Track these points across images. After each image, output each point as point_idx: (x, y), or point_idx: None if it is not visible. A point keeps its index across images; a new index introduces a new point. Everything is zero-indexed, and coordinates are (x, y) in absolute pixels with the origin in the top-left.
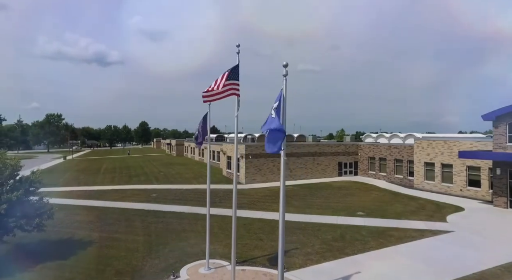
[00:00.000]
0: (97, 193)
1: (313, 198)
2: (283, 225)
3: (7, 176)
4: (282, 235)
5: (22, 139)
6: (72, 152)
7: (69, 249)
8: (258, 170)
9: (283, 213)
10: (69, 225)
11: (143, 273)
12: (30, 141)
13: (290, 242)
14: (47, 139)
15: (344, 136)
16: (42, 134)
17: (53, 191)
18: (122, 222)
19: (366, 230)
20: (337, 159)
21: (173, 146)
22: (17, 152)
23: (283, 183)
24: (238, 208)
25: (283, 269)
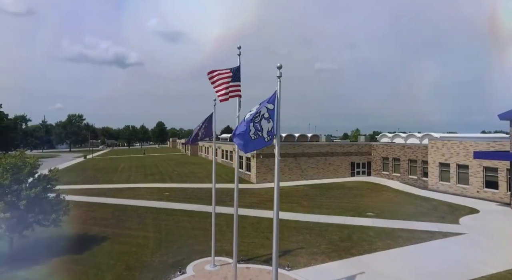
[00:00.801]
0: (113, 191)
1: (323, 198)
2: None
3: (26, 174)
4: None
5: (46, 139)
6: (92, 151)
7: (83, 244)
8: (269, 169)
9: (277, 212)
10: (85, 221)
11: (152, 268)
12: (53, 140)
13: (296, 242)
14: (69, 139)
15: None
16: (64, 134)
17: (72, 189)
18: (135, 219)
19: (374, 230)
20: (349, 159)
21: (188, 145)
22: (41, 151)
23: (277, 183)
24: (248, 208)
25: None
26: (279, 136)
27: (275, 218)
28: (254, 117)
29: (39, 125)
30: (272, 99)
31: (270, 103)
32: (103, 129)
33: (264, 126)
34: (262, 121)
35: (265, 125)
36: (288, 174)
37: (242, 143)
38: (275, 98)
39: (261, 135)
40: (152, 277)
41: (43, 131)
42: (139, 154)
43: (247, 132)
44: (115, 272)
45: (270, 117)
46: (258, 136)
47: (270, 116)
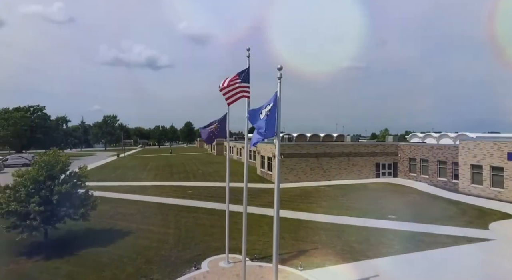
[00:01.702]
0: (140, 189)
1: (343, 199)
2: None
3: (58, 170)
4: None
5: (84, 138)
6: (124, 150)
7: (109, 238)
8: (291, 169)
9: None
10: (112, 217)
11: (169, 263)
12: (90, 140)
13: (312, 242)
14: (105, 138)
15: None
16: (100, 133)
17: (103, 186)
18: (158, 215)
19: (394, 233)
20: (374, 160)
21: (213, 145)
22: (80, 150)
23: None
24: (266, 207)
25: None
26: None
27: (275, 217)
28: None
29: (78, 125)
30: (272, 99)
31: (272, 102)
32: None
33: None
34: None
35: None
36: (309, 174)
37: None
38: (275, 99)
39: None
40: (169, 271)
41: (81, 131)
42: (167, 153)
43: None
44: (135, 265)
45: (270, 116)
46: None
47: (268, 116)
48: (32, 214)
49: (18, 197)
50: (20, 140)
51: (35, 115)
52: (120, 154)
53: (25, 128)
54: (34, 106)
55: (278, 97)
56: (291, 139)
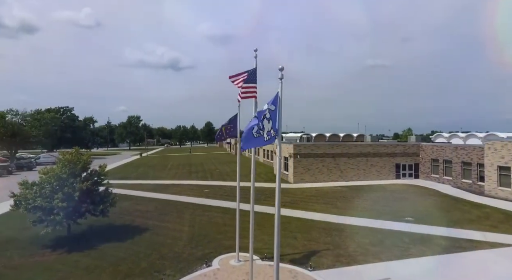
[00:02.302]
0: (160, 187)
1: (360, 201)
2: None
3: (80, 168)
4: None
5: (110, 138)
6: (147, 149)
7: (127, 234)
8: (307, 169)
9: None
10: (131, 214)
11: (181, 259)
12: (116, 139)
13: (324, 243)
14: (129, 138)
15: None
16: (124, 133)
17: (125, 184)
18: (174, 213)
19: (410, 236)
20: (394, 161)
21: (232, 145)
22: (106, 149)
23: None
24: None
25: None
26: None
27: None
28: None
29: (104, 125)
30: (274, 100)
31: (272, 104)
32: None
33: (265, 126)
34: (264, 121)
35: (266, 125)
36: (326, 174)
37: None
38: (277, 99)
39: (261, 134)
40: (180, 267)
41: (107, 131)
42: (188, 153)
43: (251, 129)
44: (149, 261)
45: (271, 117)
46: (260, 135)
47: (271, 116)
48: (55, 209)
49: (43, 193)
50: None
51: (65, 116)
52: (142, 153)
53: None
54: (64, 107)
55: (279, 98)
56: (309, 139)
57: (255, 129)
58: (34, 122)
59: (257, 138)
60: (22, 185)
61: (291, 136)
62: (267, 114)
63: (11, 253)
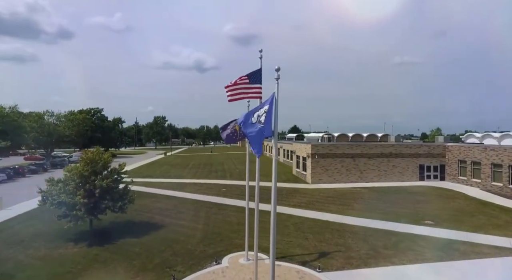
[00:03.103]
0: (180, 185)
1: (378, 202)
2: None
3: (100, 167)
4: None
5: (137, 138)
6: (171, 149)
7: (144, 230)
8: (325, 170)
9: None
10: (150, 211)
11: (193, 256)
12: (143, 139)
13: (335, 245)
14: (155, 138)
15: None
16: (151, 133)
17: (148, 182)
18: (190, 211)
19: (427, 240)
20: (417, 162)
21: None
22: (134, 148)
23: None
24: (295, 207)
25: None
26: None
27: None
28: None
29: (132, 126)
30: (268, 101)
31: (267, 105)
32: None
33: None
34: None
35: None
36: (345, 175)
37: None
38: (272, 100)
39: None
40: (191, 264)
41: (135, 131)
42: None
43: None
44: (162, 256)
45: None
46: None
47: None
48: (77, 205)
49: (67, 190)
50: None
51: (95, 116)
52: (167, 152)
53: (87, 128)
54: (94, 108)
55: (275, 98)
56: (330, 139)
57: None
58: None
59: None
60: (49, 182)
61: (313, 136)
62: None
63: (39, 245)
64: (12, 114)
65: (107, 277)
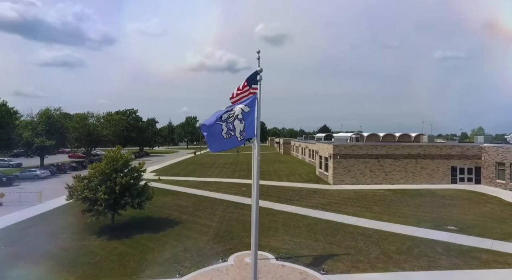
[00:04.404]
0: (202, 184)
1: (400, 205)
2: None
3: (121, 165)
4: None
5: (170, 137)
6: (200, 148)
7: (161, 226)
8: (348, 171)
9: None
10: (170, 208)
11: (202, 253)
12: (176, 138)
13: (345, 247)
14: (187, 137)
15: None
16: (183, 133)
17: (174, 180)
18: (208, 209)
19: (446, 246)
20: (449, 163)
21: (281, 144)
22: (167, 147)
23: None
24: (311, 208)
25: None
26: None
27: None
28: (228, 117)
29: (166, 126)
30: (249, 101)
31: (246, 105)
32: None
33: (236, 127)
34: (235, 122)
35: (238, 125)
36: (369, 176)
37: (216, 145)
38: (253, 101)
39: (233, 134)
40: (198, 261)
41: (168, 130)
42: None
43: (219, 131)
44: (174, 252)
45: (244, 118)
46: (231, 136)
47: (243, 117)
48: (99, 201)
49: (90, 186)
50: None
51: (130, 117)
52: (196, 152)
53: (122, 129)
54: (129, 109)
55: (257, 99)
56: (358, 139)
57: (224, 130)
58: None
59: (227, 139)
60: (75, 178)
61: (341, 135)
62: (239, 114)
63: (66, 236)
64: (57, 116)
65: (120, 269)
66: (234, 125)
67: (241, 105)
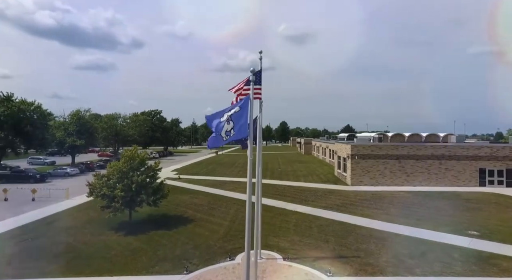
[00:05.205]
0: (219, 183)
1: (419, 208)
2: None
3: (137, 164)
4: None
5: (194, 137)
6: (222, 148)
7: (175, 223)
8: (366, 172)
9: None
10: (186, 206)
11: (211, 251)
12: (199, 138)
13: (356, 250)
14: None
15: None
16: (206, 133)
17: (192, 179)
18: (222, 208)
19: (463, 252)
20: (477, 165)
21: (302, 144)
22: (190, 147)
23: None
24: (326, 209)
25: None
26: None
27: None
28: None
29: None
30: (241, 103)
31: (239, 106)
32: None
33: (225, 127)
34: (230, 122)
35: (225, 126)
36: (389, 177)
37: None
38: (245, 102)
39: (220, 134)
40: (207, 258)
41: (191, 130)
42: None
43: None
44: (184, 249)
45: (232, 119)
46: (217, 135)
47: (231, 118)
48: (116, 198)
49: (109, 184)
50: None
51: (155, 117)
52: (218, 151)
53: (147, 129)
54: (154, 110)
55: (250, 99)
56: (381, 139)
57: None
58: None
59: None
60: (95, 176)
61: (364, 135)
62: (232, 115)
63: (87, 231)
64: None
65: (132, 263)
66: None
67: (236, 106)
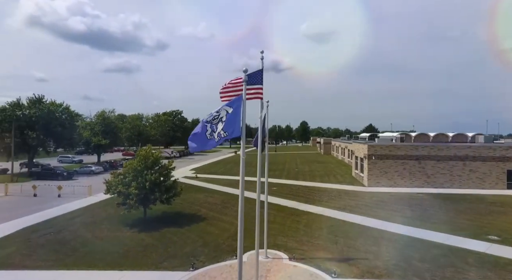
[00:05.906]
0: (235, 182)
1: (438, 211)
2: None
3: (150, 163)
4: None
5: None
6: None
7: (188, 221)
8: (384, 173)
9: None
10: (200, 204)
11: (219, 249)
12: None
13: (365, 252)
14: None
15: None
16: None
17: (209, 178)
18: (235, 207)
19: (480, 258)
20: (504, 166)
21: (322, 144)
22: None
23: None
24: (339, 210)
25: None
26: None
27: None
28: (213, 118)
29: None
30: (233, 102)
31: (229, 106)
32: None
33: (218, 127)
34: (218, 124)
35: (219, 126)
36: (408, 178)
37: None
38: (237, 101)
39: (214, 136)
40: (214, 256)
41: None
42: (279, 151)
43: (204, 132)
44: (193, 246)
45: (225, 119)
46: (212, 137)
47: (225, 118)
48: (131, 195)
49: (124, 181)
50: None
51: (176, 118)
52: (237, 151)
53: (169, 129)
54: (175, 110)
55: (243, 99)
56: (403, 139)
57: (208, 131)
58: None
59: (210, 140)
60: (112, 174)
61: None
62: (223, 117)
63: (104, 227)
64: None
65: (142, 259)
66: (217, 126)
67: (226, 107)
